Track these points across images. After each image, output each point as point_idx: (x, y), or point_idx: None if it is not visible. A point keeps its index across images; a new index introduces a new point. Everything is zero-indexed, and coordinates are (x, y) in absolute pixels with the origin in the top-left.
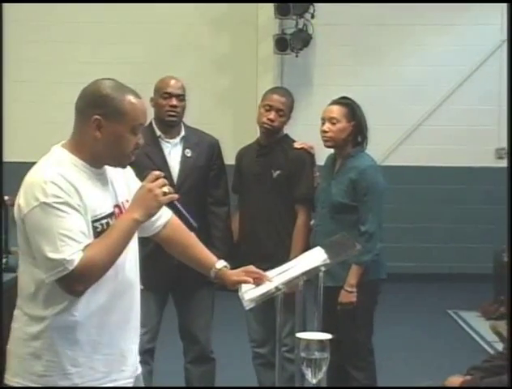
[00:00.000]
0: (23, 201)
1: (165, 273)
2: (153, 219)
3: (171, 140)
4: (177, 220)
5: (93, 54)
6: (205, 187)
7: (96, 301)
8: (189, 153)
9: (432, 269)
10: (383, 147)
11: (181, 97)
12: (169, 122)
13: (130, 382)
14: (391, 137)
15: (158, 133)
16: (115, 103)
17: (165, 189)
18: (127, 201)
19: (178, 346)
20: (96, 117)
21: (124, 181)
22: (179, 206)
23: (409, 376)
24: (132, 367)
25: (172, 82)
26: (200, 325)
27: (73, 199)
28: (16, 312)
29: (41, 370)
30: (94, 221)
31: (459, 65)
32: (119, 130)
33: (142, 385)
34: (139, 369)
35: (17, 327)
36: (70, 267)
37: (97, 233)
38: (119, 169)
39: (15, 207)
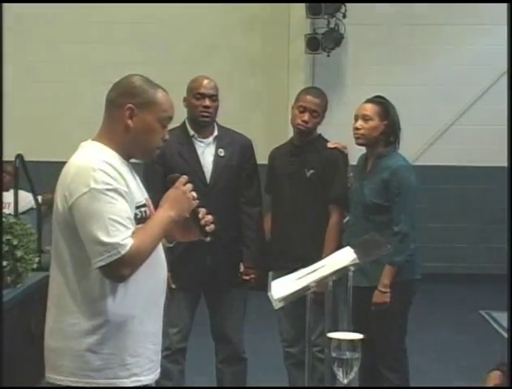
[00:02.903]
0: (70, 189)
1: (198, 273)
2: None
3: (204, 140)
4: None
5: (127, 55)
6: (237, 187)
7: (142, 292)
8: (222, 153)
9: (464, 269)
10: (415, 147)
11: (213, 97)
12: (202, 123)
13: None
14: (423, 136)
15: (191, 132)
16: (148, 94)
17: (194, 194)
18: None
19: (210, 346)
20: (130, 105)
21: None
22: (200, 215)
23: (441, 376)
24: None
25: (205, 82)
26: (232, 325)
27: (121, 186)
28: (59, 310)
29: (100, 364)
30: (135, 208)
31: (492, 64)
32: (150, 119)
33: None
34: None
35: (64, 327)
36: (123, 252)
37: (137, 220)
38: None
39: (59, 199)
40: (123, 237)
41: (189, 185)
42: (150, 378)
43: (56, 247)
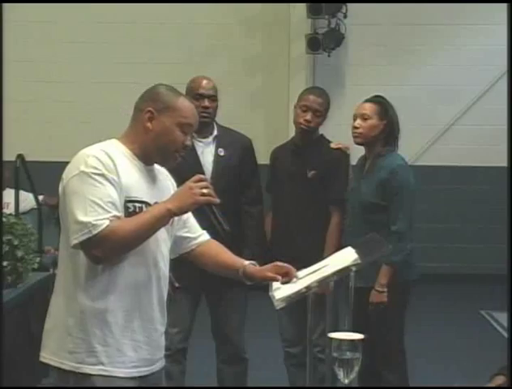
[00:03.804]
0: (65, 174)
1: (198, 273)
2: (189, 236)
3: (203, 140)
4: (214, 243)
5: (128, 55)
6: (238, 186)
7: (125, 287)
8: (222, 152)
9: (464, 269)
10: (416, 147)
11: (212, 98)
12: (202, 124)
13: (147, 371)
14: (424, 137)
15: None
16: (168, 99)
17: (205, 190)
18: None
19: (211, 346)
20: (149, 109)
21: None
22: (215, 209)
23: (441, 377)
24: (157, 358)
25: (204, 82)
26: (233, 325)
27: (110, 174)
28: (54, 293)
29: (71, 347)
30: (127, 201)
31: (492, 64)
32: (168, 123)
33: (163, 379)
34: (163, 363)
35: (55, 309)
36: (94, 232)
37: (128, 213)
38: (170, 182)
39: (60, 183)
40: (98, 217)
41: (203, 183)
42: (122, 371)
43: (61, 234)
